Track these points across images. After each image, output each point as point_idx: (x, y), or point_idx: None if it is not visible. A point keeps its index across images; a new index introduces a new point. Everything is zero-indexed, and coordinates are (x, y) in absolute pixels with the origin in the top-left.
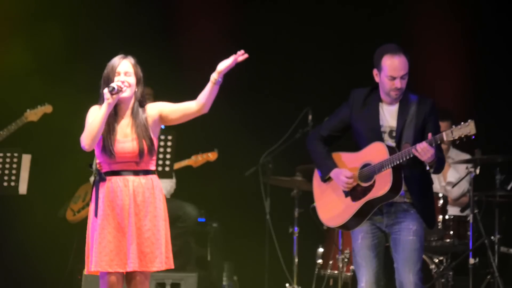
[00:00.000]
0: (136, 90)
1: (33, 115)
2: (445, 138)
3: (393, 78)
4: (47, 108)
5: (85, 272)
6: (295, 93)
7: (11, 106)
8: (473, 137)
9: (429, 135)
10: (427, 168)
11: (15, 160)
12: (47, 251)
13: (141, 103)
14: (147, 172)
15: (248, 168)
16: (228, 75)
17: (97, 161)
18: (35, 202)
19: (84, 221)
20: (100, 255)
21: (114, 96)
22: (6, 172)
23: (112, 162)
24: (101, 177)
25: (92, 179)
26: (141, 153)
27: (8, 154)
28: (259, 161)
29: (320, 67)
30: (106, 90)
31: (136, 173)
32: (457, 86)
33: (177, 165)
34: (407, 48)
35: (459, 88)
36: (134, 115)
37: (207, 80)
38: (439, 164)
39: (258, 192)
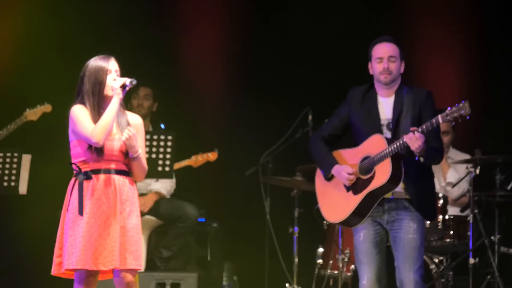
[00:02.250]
0: None
1: (32, 114)
2: (440, 120)
3: (381, 60)
4: (47, 108)
5: (52, 273)
6: (295, 93)
7: (10, 105)
8: (468, 117)
9: (411, 128)
10: (416, 158)
11: (15, 160)
12: (47, 251)
13: (121, 104)
14: (128, 174)
15: (248, 168)
16: (228, 75)
17: (80, 159)
18: (35, 202)
19: None
20: (87, 253)
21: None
22: (6, 172)
23: (100, 159)
24: (87, 176)
25: (74, 178)
26: (127, 152)
27: (8, 154)
28: (259, 161)
29: (320, 67)
30: (117, 84)
31: (120, 172)
32: (458, 86)
33: (177, 165)
34: (408, 48)
35: (460, 88)
36: (118, 115)
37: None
38: (431, 152)
39: (258, 192)
